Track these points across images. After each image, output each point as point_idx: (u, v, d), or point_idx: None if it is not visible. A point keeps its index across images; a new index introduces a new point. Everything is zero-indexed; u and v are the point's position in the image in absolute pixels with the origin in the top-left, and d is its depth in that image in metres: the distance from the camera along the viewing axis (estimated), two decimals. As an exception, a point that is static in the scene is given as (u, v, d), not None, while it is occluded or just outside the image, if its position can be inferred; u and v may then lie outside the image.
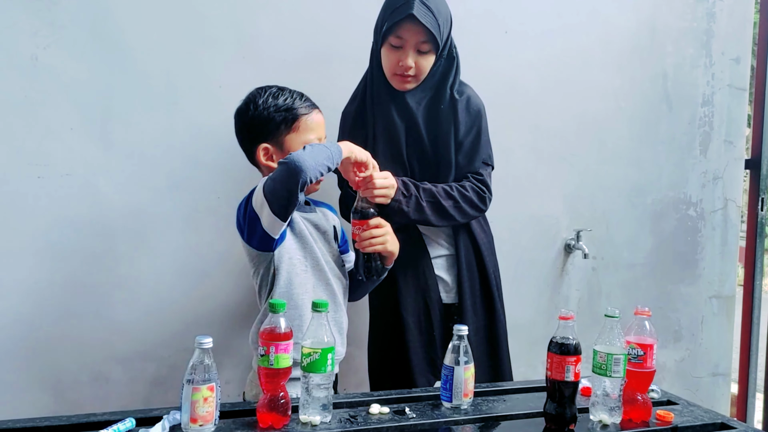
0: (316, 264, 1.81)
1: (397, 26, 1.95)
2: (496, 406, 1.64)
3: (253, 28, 2.34)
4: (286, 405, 1.44)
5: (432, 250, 2.10)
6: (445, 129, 2.07)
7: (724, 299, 3.15)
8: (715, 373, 3.15)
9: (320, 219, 1.90)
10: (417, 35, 1.96)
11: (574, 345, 1.49)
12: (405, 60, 1.98)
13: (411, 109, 2.06)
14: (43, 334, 2.16)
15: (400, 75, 2.01)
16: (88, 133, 2.18)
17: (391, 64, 2.01)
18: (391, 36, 1.98)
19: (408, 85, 2.04)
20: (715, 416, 1.63)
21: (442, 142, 2.07)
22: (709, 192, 3.09)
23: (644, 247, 3.00)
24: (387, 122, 2.07)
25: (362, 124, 2.10)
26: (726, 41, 3.06)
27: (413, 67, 1.99)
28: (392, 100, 2.07)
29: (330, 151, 1.67)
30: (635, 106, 2.95)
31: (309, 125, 1.85)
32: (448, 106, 2.08)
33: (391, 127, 2.06)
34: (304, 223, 1.83)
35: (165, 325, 2.28)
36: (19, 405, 2.09)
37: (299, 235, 1.80)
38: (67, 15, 2.14)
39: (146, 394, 2.24)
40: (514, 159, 2.69)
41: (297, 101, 1.85)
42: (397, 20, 1.94)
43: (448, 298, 2.10)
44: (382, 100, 2.07)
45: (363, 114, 2.11)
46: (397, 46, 1.99)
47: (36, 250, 2.14)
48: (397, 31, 1.96)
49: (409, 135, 2.07)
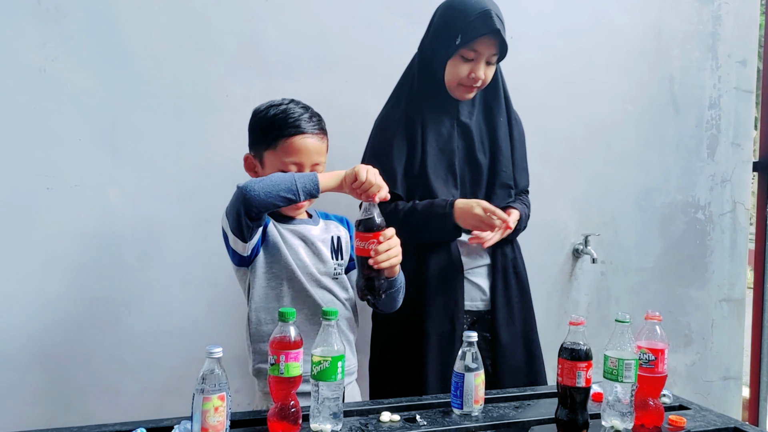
0: (291, 276, 1.76)
1: (474, 40, 1.95)
2: (507, 412, 1.63)
3: (259, 36, 2.35)
4: (297, 414, 1.43)
5: (471, 261, 2.08)
6: (503, 142, 2.09)
7: (734, 302, 3.13)
8: (726, 377, 3.14)
9: (310, 230, 1.83)
10: (491, 48, 1.98)
11: (585, 350, 1.48)
12: (477, 71, 1.99)
13: (465, 122, 2.07)
14: (52, 346, 2.16)
15: (468, 86, 2.02)
16: (97, 143, 2.19)
17: (462, 74, 2.00)
18: (465, 49, 1.97)
19: (471, 95, 2.06)
20: (728, 420, 1.62)
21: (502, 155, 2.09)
22: (718, 195, 3.08)
23: (653, 251, 2.99)
24: (438, 135, 2.06)
25: (409, 134, 2.06)
26: (732, 44, 3.06)
27: (483, 78, 2.01)
28: (444, 111, 2.07)
29: (295, 183, 1.59)
30: (642, 109, 2.95)
31: (287, 148, 1.75)
32: (505, 118, 2.11)
33: (441, 140, 2.06)
34: (286, 235, 1.79)
35: (174, 335, 2.28)
36: (30, 416, 2.09)
37: (273, 247, 1.76)
38: (75, 26, 2.15)
39: (156, 404, 2.24)
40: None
41: (289, 120, 1.76)
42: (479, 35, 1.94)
43: (484, 305, 2.08)
44: (432, 112, 2.06)
45: (410, 123, 2.07)
46: (470, 58, 1.99)
47: (45, 262, 2.14)
48: (473, 45, 1.96)
49: (464, 147, 2.08)
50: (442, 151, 2.06)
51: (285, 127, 1.75)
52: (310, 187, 1.61)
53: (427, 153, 2.04)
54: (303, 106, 1.82)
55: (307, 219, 1.88)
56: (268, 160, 1.78)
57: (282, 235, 1.79)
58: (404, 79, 2.14)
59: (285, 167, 1.74)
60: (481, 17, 1.94)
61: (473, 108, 2.10)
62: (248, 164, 1.86)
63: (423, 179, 2.04)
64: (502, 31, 1.95)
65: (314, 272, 1.80)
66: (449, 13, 2.02)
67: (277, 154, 1.76)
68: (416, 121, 2.06)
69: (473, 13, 1.94)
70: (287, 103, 1.81)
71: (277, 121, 1.76)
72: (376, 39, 2.50)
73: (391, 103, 2.14)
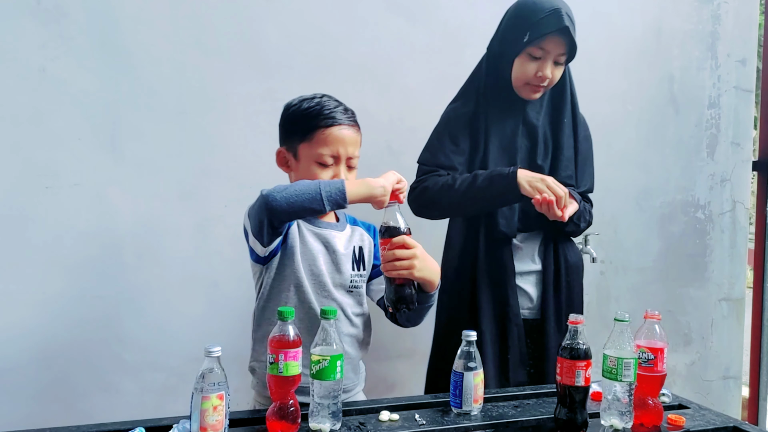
0: (299, 283, 1.70)
1: (543, 38, 1.94)
2: (506, 411, 1.63)
3: (259, 36, 2.35)
4: (296, 413, 1.43)
5: (520, 265, 2.07)
6: (566, 144, 2.08)
7: (734, 302, 3.13)
8: (726, 377, 3.14)
9: (334, 237, 1.77)
10: (560, 47, 1.96)
11: (584, 350, 1.48)
12: (544, 71, 1.97)
13: (531, 121, 2.06)
14: (52, 345, 2.16)
15: (535, 85, 2.00)
16: (97, 143, 2.19)
17: (529, 73, 1.99)
18: (533, 47, 1.96)
19: (537, 95, 2.04)
20: (727, 420, 1.62)
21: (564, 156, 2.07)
22: (717, 194, 3.08)
23: (653, 251, 3.00)
24: (502, 132, 2.05)
25: (473, 129, 2.07)
26: (732, 43, 3.06)
27: (550, 77, 1.99)
28: (511, 110, 2.06)
29: (320, 192, 1.54)
30: (642, 109, 2.95)
31: (324, 139, 1.70)
32: (570, 120, 2.09)
33: (505, 138, 2.05)
34: (307, 238, 1.73)
35: (174, 334, 2.28)
36: (30, 415, 2.09)
37: (289, 251, 1.71)
38: (75, 26, 2.15)
39: (156, 403, 2.24)
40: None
41: (324, 111, 1.71)
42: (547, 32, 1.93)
43: (531, 313, 2.07)
44: (498, 109, 2.06)
45: (475, 119, 2.07)
46: (538, 57, 1.97)
47: (45, 261, 2.15)
48: (541, 43, 1.95)
49: (527, 147, 2.06)
50: (504, 149, 2.05)
51: (321, 118, 1.71)
52: (337, 196, 1.55)
53: (489, 150, 2.04)
54: (335, 99, 1.78)
55: (333, 223, 1.80)
56: (303, 153, 1.73)
57: (303, 238, 1.73)
58: (472, 78, 2.14)
59: (321, 159, 1.69)
60: (550, 15, 1.92)
61: (540, 108, 2.08)
62: (280, 159, 1.80)
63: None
64: (571, 30, 1.93)
65: (327, 282, 1.73)
66: (519, 11, 2.01)
67: (312, 145, 1.70)
68: (481, 118, 2.06)
69: (543, 11, 1.93)
70: (320, 97, 1.76)
71: (312, 112, 1.72)
72: (376, 39, 2.51)
73: (459, 99, 2.15)
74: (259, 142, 2.33)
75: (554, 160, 2.08)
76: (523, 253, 2.08)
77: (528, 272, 2.08)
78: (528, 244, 2.09)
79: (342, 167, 1.71)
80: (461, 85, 2.17)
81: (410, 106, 2.55)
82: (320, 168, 1.70)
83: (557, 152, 2.08)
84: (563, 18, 1.91)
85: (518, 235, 2.06)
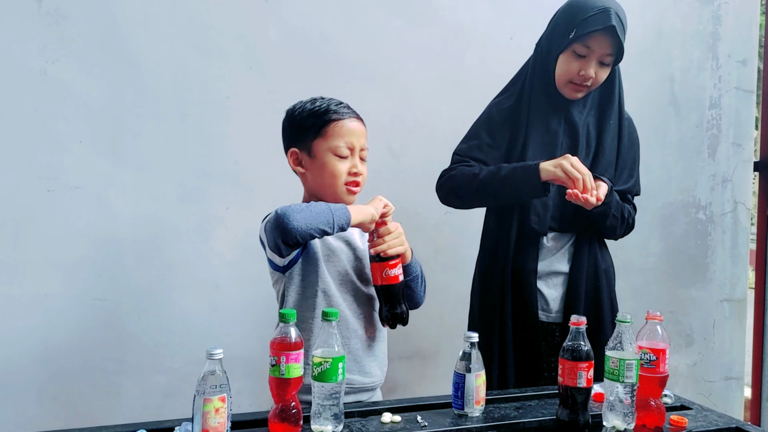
0: (326, 287, 1.71)
1: (588, 35, 1.93)
2: (508, 413, 1.62)
3: (259, 38, 2.36)
4: (298, 415, 1.43)
5: (546, 265, 2.05)
6: (609, 145, 2.05)
7: (736, 302, 3.13)
8: (728, 377, 3.13)
9: (353, 234, 1.78)
10: (605, 47, 1.95)
11: (586, 351, 1.48)
12: (588, 70, 1.96)
13: (574, 120, 2.04)
14: (53, 348, 2.16)
15: (578, 84, 1.99)
16: (98, 146, 2.19)
17: (571, 71, 1.98)
18: (578, 44, 1.95)
19: (580, 94, 2.02)
20: (730, 421, 1.61)
21: (604, 158, 2.05)
22: (719, 195, 3.08)
23: (654, 252, 2.99)
24: (543, 129, 2.04)
25: (514, 124, 2.06)
26: (732, 44, 3.06)
27: (594, 77, 1.98)
28: (554, 107, 2.05)
29: (332, 215, 1.58)
30: (643, 110, 2.93)
31: (338, 131, 1.72)
32: (616, 122, 2.07)
33: (546, 135, 2.04)
34: (328, 240, 1.74)
35: (175, 336, 2.28)
36: (32, 418, 2.09)
37: (312, 257, 1.72)
38: (76, 29, 2.15)
39: (158, 405, 2.24)
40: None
41: (331, 107, 1.75)
42: (593, 30, 1.92)
43: (549, 316, 2.06)
44: (541, 106, 2.05)
45: (517, 114, 2.07)
46: (582, 55, 1.96)
47: (46, 264, 2.15)
48: (586, 41, 1.94)
49: (567, 146, 2.04)
50: (545, 144, 2.04)
51: (331, 112, 1.73)
52: (344, 222, 1.59)
53: (528, 144, 2.04)
54: (336, 99, 1.80)
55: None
56: (319, 148, 1.73)
57: (325, 240, 1.73)
58: (519, 73, 2.15)
59: (338, 151, 1.70)
60: (599, 13, 1.91)
61: (584, 108, 2.07)
62: (294, 159, 1.78)
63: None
64: (618, 30, 1.92)
65: (355, 280, 1.75)
66: (569, 8, 2.00)
67: (327, 139, 1.72)
68: (523, 113, 2.06)
69: (592, 9, 1.92)
70: (320, 98, 1.78)
71: (320, 110, 1.74)
72: (376, 40, 2.51)
73: (503, 93, 2.15)
74: (260, 144, 2.34)
75: (594, 161, 2.06)
76: (550, 252, 2.06)
77: (553, 273, 2.06)
78: (559, 244, 2.07)
79: (357, 158, 1.73)
80: (464, 86, 2.18)
81: (410, 107, 2.55)
82: (338, 160, 1.71)
83: (598, 154, 2.06)
84: (611, 17, 1.90)
85: (550, 234, 2.04)
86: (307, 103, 1.77)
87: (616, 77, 2.09)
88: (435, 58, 2.57)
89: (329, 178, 1.72)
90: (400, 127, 2.53)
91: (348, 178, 1.72)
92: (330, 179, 1.71)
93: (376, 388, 1.82)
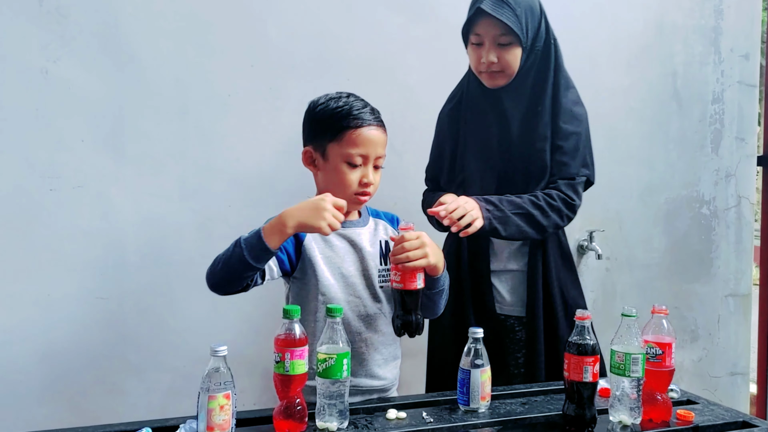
0: (325, 292, 1.69)
1: (472, 23, 1.97)
2: (514, 408, 1.62)
3: (260, 35, 2.35)
4: (303, 411, 1.43)
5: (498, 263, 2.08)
6: (541, 131, 2.02)
7: (741, 297, 3.12)
8: (734, 373, 3.12)
9: (359, 234, 1.76)
10: (493, 29, 1.94)
11: (592, 345, 1.48)
12: (487, 55, 1.97)
13: (505, 109, 2.04)
14: (56, 346, 2.16)
15: (486, 72, 2.00)
16: (100, 144, 2.18)
17: (475, 61, 2.02)
18: (471, 35, 1.99)
19: (498, 81, 2.01)
20: (737, 415, 1.61)
21: (537, 144, 2.02)
22: (722, 189, 3.07)
23: (658, 247, 2.98)
24: (478, 122, 2.07)
25: (455, 124, 2.11)
26: (734, 38, 3.05)
27: (496, 61, 1.97)
28: (486, 99, 2.06)
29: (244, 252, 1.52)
30: (645, 105, 2.94)
31: (354, 139, 1.68)
32: (549, 105, 2.03)
33: (481, 127, 2.06)
34: (332, 242, 1.71)
35: (179, 335, 2.28)
36: (35, 418, 2.09)
37: (308, 263, 1.69)
38: (77, 27, 2.15)
39: (162, 405, 2.24)
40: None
41: (353, 111, 1.70)
42: (470, 17, 1.97)
43: (509, 310, 2.07)
44: (475, 101, 2.08)
45: (457, 114, 2.12)
46: (478, 43, 1.99)
47: (49, 262, 2.14)
48: (474, 29, 1.97)
49: (501, 135, 2.04)
50: (479, 140, 2.06)
51: (351, 118, 1.69)
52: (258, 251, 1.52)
53: (467, 143, 2.07)
54: (362, 99, 1.77)
55: (355, 220, 1.78)
56: (333, 153, 1.70)
57: (328, 242, 1.71)
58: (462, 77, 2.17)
59: (351, 159, 1.68)
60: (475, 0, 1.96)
61: (517, 97, 2.04)
62: (307, 158, 1.76)
63: (462, 169, 2.08)
64: (494, 10, 1.90)
65: (357, 282, 1.73)
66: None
67: (342, 145, 1.69)
68: (462, 115, 2.10)
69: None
70: (346, 96, 1.75)
71: (341, 112, 1.70)
72: (377, 37, 2.50)
73: (448, 99, 2.19)
74: (262, 141, 2.33)
75: (527, 150, 2.03)
76: (503, 251, 2.08)
77: (507, 271, 2.08)
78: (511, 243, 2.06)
79: (369, 167, 1.71)
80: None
81: (412, 104, 2.54)
82: (349, 168, 1.69)
83: (532, 142, 2.02)
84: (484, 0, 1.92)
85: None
86: (331, 101, 1.73)
87: (550, 60, 2.04)
88: (436, 54, 2.56)
89: (339, 185, 1.70)
90: (402, 123, 2.51)
91: (358, 188, 1.69)
92: (339, 186, 1.69)
93: (388, 391, 1.78)
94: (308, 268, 1.69)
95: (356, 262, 1.74)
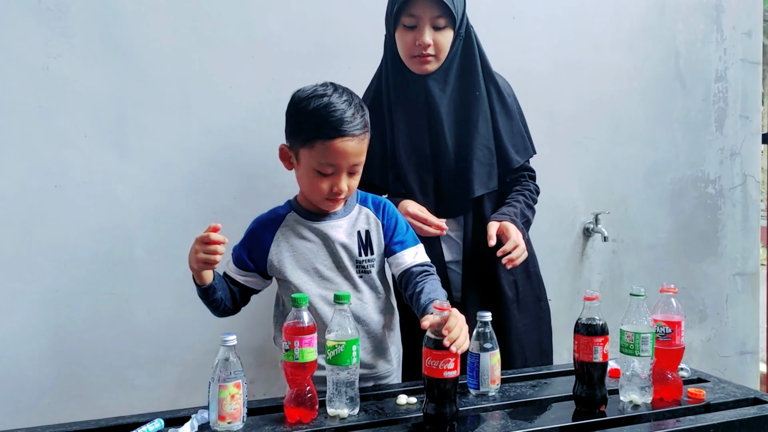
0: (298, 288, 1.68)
1: (408, 4, 1.88)
2: (524, 391, 1.62)
3: (261, 27, 2.34)
4: (314, 399, 1.43)
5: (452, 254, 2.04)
6: (482, 120, 1.97)
7: (748, 276, 3.11)
8: (743, 352, 3.12)
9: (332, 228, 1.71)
10: (431, 10, 1.87)
11: (601, 325, 1.48)
12: (422, 38, 1.88)
13: (435, 100, 1.96)
14: (65, 342, 2.17)
15: (419, 56, 1.91)
16: (103, 140, 2.18)
17: (408, 45, 1.91)
18: (404, 16, 1.89)
19: (429, 66, 1.93)
20: (748, 392, 1.61)
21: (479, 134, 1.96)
22: (728, 168, 3.06)
23: (664, 228, 2.98)
24: (407, 111, 1.98)
25: (378, 117, 1.98)
26: (737, 15, 3.03)
27: (432, 44, 1.89)
28: (411, 86, 1.97)
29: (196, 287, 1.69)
30: (648, 85, 2.92)
31: (326, 152, 1.60)
32: (483, 92, 1.98)
33: (411, 116, 1.98)
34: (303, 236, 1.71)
35: (187, 328, 2.28)
36: (46, 413, 2.10)
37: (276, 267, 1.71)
38: (77, 23, 2.14)
39: (172, 398, 2.24)
40: (529, 145, 2.67)
41: (330, 118, 1.59)
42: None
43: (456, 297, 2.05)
44: (399, 89, 1.99)
45: (378, 107, 2.02)
46: (411, 25, 1.89)
47: (56, 259, 2.14)
48: (409, 10, 1.88)
49: (433, 123, 1.97)
50: (411, 133, 1.98)
51: (325, 127, 1.59)
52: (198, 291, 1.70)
53: (396, 137, 1.99)
54: (346, 99, 1.64)
55: (335, 212, 1.73)
56: (304, 159, 1.64)
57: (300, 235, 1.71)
58: (376, 71, 2.09)
59: (321, 168, 1.61)
60: None
61: (446, 84, 1.97)
62: (283, 154, 1.73)
63: (395, 165, 2.00)
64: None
65: (331, 276, 1.70)
66: None
67: (313, 154, 1.61)
68: (384, 106, 2.01)
69: None
70: (330, 94, 1.62)
71: (318, 117, 1.59)
72: (377, 25, 2.49)
73: (363, 95, 2.08)
74: (265, 133, 2.33)
75: (468, 139, 1.97)
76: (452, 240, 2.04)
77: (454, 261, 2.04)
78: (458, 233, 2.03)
79: (343, 176, 1.64)
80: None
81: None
82: (319, 177, 1.63)
83: (471, 129, 1.97)
84: None
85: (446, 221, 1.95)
86: (313, 99, 1.62)
87: (474, 45, 1.99)
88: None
89: (309, 190, 1.68)
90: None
91: (329, 195, 1.65)
92: (309, 191, 1.68)
93: (384, 379, 1.77)
94: (276, 270, 1.72)
95: (326, 256, 1.71)
